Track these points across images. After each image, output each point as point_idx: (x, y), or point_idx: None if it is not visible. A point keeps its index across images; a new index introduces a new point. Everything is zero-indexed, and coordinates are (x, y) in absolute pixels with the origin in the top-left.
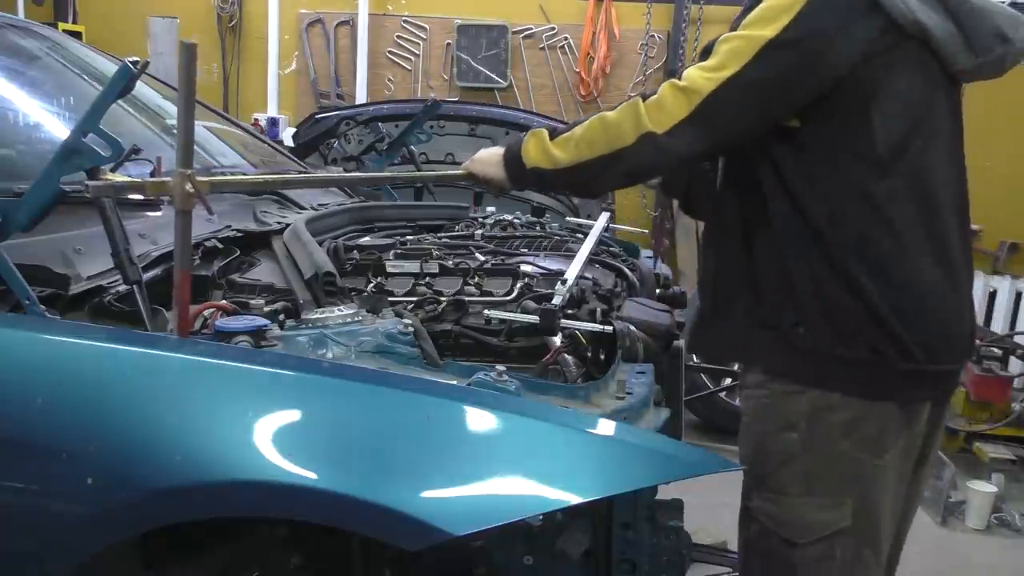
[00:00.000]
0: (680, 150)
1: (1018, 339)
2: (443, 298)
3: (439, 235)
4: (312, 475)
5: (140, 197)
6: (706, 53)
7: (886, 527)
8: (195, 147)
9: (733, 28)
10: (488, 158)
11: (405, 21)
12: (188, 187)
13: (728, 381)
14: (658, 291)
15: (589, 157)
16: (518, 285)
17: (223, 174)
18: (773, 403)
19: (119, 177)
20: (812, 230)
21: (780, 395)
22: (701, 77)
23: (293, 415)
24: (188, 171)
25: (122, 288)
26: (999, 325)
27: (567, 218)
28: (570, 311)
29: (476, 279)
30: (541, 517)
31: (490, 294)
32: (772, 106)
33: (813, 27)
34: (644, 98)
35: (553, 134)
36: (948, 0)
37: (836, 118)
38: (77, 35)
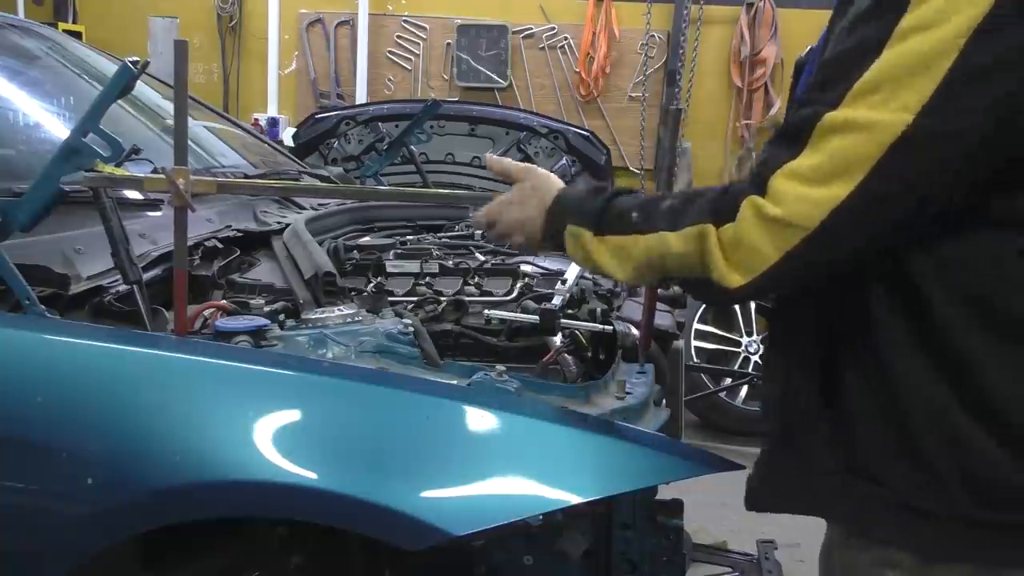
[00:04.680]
0: (768, 296)
1: None
2: (443, 298)
3: (439, 235)
4: (312, 475)
5: (140, 197)
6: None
7: None
8: (195, 147)
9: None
10: (517, 218)
11: (405, 21)
12: (182, 183)
13: (728, 381)
14: (658, 291)
15: (649, 278)
16: (518, 285)
17: (224, 174)
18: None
19: (117, 170)
20: (943, 339)
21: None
22: (798, 199)
23: (293, 415)
24: (185, 168)
25: (122, 288)
26: None
27: None
28: (570, 311)
29: (476, 279)
30: (541, 517)
31: (490, 294)
32: (913, 219)
33: (990, 83)
34: (717, 219)
35: (599, 226)
36: None
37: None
38: (77, 35)
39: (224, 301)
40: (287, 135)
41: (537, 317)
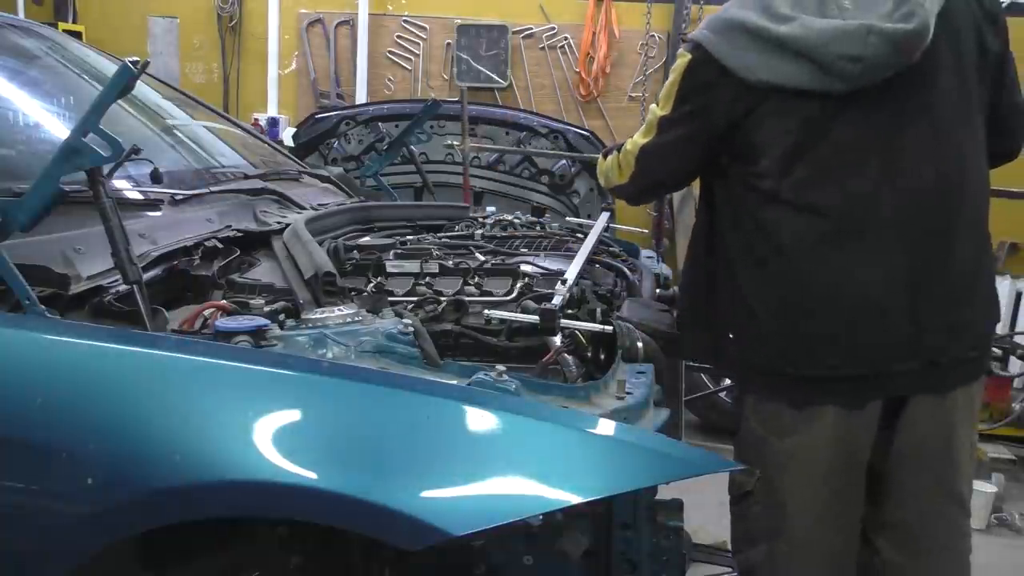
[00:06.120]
0: (630, 194)
1: (1018, 339)
2: (443, 298)
3: (439, 235)
4: (312, 475)
5: (140, 197)
6: None
7: (810, 511)
8: (195, 147)
9: None
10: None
11: (405, 21)
12: None
13: (728, 381)
14: (658, 291)
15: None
16: (518, 285)
17: (223, 174)
18: None
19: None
20: (728, 253)
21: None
22: (633, 143)
23: (293, 415)
24: None
25: (122, 288)
26: (1000, 325)
27: (567, 218)
28: (570, 311)
29: (476, 279)
30: (541, 517)
31: (490, 294)
32: (682, 160)
33: (689, 104)
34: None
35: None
36: (794, 43)
37: (735, 157)
38: (77, 35)
39: (224, 301)
40: (287, 135)
41: (537, 317)
